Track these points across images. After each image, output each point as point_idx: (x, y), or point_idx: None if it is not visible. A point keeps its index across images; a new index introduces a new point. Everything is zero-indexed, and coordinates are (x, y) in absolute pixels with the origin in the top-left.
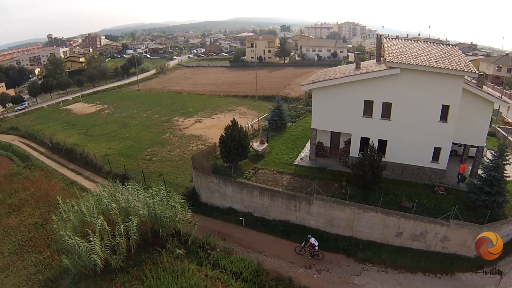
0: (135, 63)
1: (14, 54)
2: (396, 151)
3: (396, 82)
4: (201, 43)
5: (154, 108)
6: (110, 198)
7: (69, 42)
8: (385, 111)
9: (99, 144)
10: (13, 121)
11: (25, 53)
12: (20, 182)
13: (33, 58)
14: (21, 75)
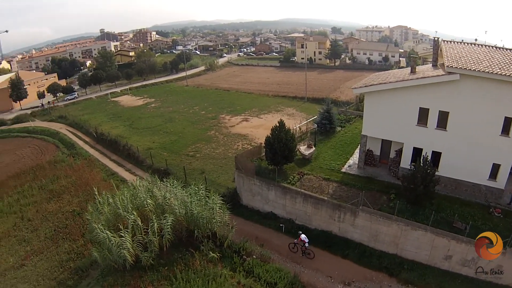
0: (184, 58)
1: (68, 47)
2: (451, 164)
3: (454, 89)
4: (251, 42)
5: (201, 104)
6: (147, 194)
7: (120, 37)
8: (441, 121)
9: (143, 137)
10: (62, 110)
11: (78, 46)
12: (63, 169)
13: (85, 51)
14: (73, 66)
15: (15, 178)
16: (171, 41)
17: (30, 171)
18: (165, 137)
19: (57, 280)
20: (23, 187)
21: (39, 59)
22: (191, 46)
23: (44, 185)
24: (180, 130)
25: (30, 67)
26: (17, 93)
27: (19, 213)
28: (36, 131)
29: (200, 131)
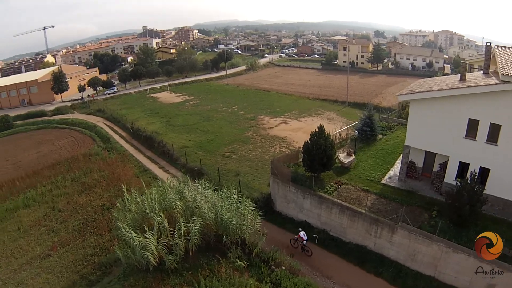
0: (225, 57)
1: (110, 43)
2: (500, 183)
3: (508, 100)
4: (293, 43)
5: (240, 104)
6: (176, 195)
7: (162, 34)
8: (491, 134)
9: (179, 134)
10: (101, 103)
11: (120, 42)
12: (96, 162)
13: (127, 47)
14: (114, 62)
15: (50, 168)
16: (213, 39)
17: (65, 162)
18: (202, 136)
19: (80, 273)
20: (57, 177)
21: (82, 54)
22: (233, 45)
23: (77, 177)
24: (217, 129)
25: (73, 61)
26: (59, 86)
27: (50, 203)
28: (75, 123)
29: (238, 132)
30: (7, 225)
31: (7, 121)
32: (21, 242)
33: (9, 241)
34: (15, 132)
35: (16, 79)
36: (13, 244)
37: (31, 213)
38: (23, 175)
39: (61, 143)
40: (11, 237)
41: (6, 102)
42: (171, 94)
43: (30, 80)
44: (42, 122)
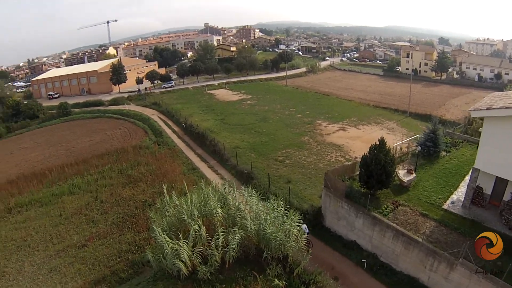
0: (285, 58)
1: (171, 38)
2: None
3: None
4: (355, 47)
5: (298, 106)
6: (219, 202)
7: (223, 32)
8: None
9: (232, 134)
10: (158, 97)
11: (181, 38)
12: (145, 156)
13: (188, 43)
14: (174, 56)
15: (99, 157)
16: (274, 39)
17: (114, 153)
18: (256, 137)
19: (112, 269)
20: (104, 167)
21: (143, 47)
22: (294, 46)
23: (124, 169)
24: (273, 131)
25: (134, 54)
26: (117, 77)
27: (94, 193)
28: (129, 115)
29: (294, 136)
30: (50, 209)
31: (66, 108)
32: (61, 229)
33: (50, 226)
34: (72, 119)
35: (78, 69)
36: (53, 230)
37: (75, 200)
38: (72, 161)
39: (114, 133)
40: (52, 222)
41: (67, 90)
42: (229, 92)
43: (90, 71)
44: (98, 112)
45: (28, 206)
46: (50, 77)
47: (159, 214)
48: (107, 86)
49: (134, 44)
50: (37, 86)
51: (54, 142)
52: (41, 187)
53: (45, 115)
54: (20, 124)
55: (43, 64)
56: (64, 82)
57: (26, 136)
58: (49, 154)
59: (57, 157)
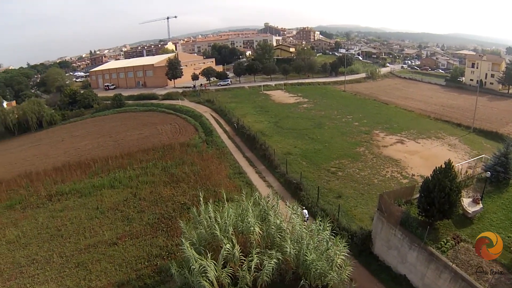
0: (345, 62)
1: (230, 36)
2: None
3: None
4: (417, 54)
5: (356, 114)
6: (258, 217)
7: (283, 32)
8: None
9: (285, 138)
10: (212, 94)
11: (240, 36)
12: (192, 154)
13: (247, 42)
14: (232, 54)
15: (145, 152)
16: (334, 42)
17: (160, 148)
18: (309, 144)
19: (139, 273)
20: (148, 163)
21: (202, 44)
22: (354, 50)
23: (168, 167)
24: (328, 139)
25: (192, 50)
26: (173, 72)
27: (134, 189)
28: (182, 110)
29: (349, 145)
30: (89, 201)
31: (120, 100)
32: (95, 223)
33: (85, 218)
34: (125, 111)
35: (135, 62)
36: (87, 223)
37: (114, 195)
38: (118, 154)
39: (164, 128)
40: (88, 214)
41: (123, 82)
42: (285, 93)
43: (146, 64)
44: (151, 105)
45: (68, 195)
46: (107, 69)
47: (191, 223)
48: (163, 80)
49: (193, 40)
50: (95, 77)
51: (104, 132)
52: (84, 177)
53: (99, 105)
54: (75, 112)
55: (103, 56)
56: (121, 74)
57: (79, 124)
58: (97, 144)
59: (104, 147)
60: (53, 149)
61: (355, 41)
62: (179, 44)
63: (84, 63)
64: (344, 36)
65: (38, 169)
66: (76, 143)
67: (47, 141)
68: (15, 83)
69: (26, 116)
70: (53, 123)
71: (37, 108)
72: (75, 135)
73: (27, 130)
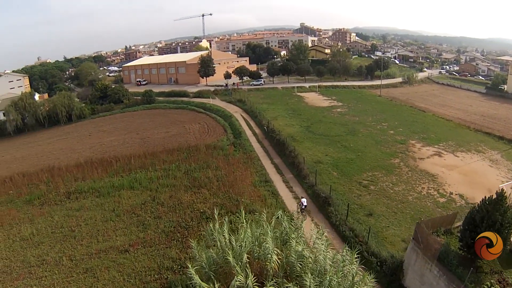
0: (381, 65)
1: (265, 35)
2: None
3: None
4: (455, 59)
5: (391, 121)
6: (278, 241)
7: (319, 33)
8: None
9: (316, 145)
10: (244, 94)
11: (275, 35)
12: (217, 158)
13: (282, 41)
14: (266, 54)
15: (169, 153)
16: (370, 45)
17: (185, 150)
18: (341, 152)
19: (147, 286)
20: (171, 165)
21: (236, 42)
22: (390, 53)
23: (191, 170)
24: (361, 147)
25: (227, 48)
26: (205, 70)
27: (154, 192)
28: (212, 109)
29: (383, 156)
30: (106, 202)
31: (150, 96)
32: (109, 226)
33: (100, 220)
34: (155, 107)
35: (167, 58)
36: (102, 225)
37: (132, 197)
38: (141, 153)
39: (192, 127)
40: (103, 216)
41: (155, 78)
42: (319, 96)
43: (179, 61)
44: (182, 103)
45: (86, 194)
46: (140, 64)
47: (204, 241)
48: (195, 77)
49: (228, 38)
50: (128, 72)
51: (131, 129)
52: (104, 175)
53: (129, 100)
54: (104, 107)
55: (137, 51)
56: (153, 70)
57: (107, 119)
58: (123, 141)
59: (130, 145)
60: (80, 144)
61: (392, 44)
62: (214, 42)
63: (119, 58)
64: (381, 39)
65: (61, 164)
66: (103, 138)
67: (74, 135)
68: (49, 76)
69: (56, 109)
70: (83, 117)
71: (67, 101)
72: (103, 130)
73: (57, 123)
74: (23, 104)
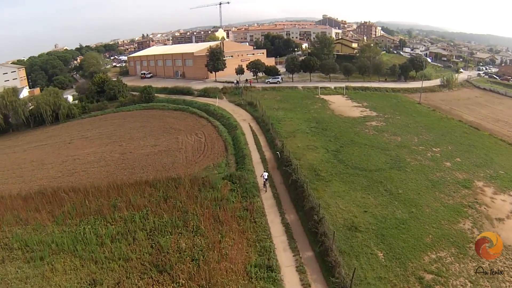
0: (418, 65)
1: (286, 26)
2: None
3: None
4: (490, 59)
5: (443, 144)
6: None
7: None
8: None
9: (350, 188)
10: (257, 94)
11: (297, 26)
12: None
13: (303, 33)
14: (286, 46)
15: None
16: (398, 40)
17: (163, 184)
18: (386, 206)
19: None
20: (135, 214)
21: (255, 33)
22: (420, 50)
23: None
24: (413, 195)
25: (244, 39)
26: (214, 64)
27: (98, 268)
28: (215, 114)
29: (446, 213)
30: (32, 275)
31: (149, 93)
32: None
33: None
34: (152, 107)
35: (175, 49)
36: None
37: (68, 272)
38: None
39: (187, 140)
40: None
41: (161, 71)
42: (347, 100)
43: (186, 52)
44: (183, 103)
45: (16, 253)
46: (145, 55)
47: None
48: (203, 72)
49: (246, 28)
50: (133, 63)
51: (117, 137)
52: (49, 221)
53: (125, 98)
54: (97, 105)
55: (150, 40)
56: (159, 62)
57: (97, 120)
58: (100, 155)
59: (105, 162)
60: (54, 155)
61: (419, 39)
62: (231, 31)
63: (133, 47)
64: (406, 34)
65: (11, 191)
66: (81, 149)
67: (55, 141)
68: (49, 67)
69: (40, 108)
70: (71, 116)
71: (52, 99)
72: (86, 136)
73: (43, 123)
74: (4, 102)
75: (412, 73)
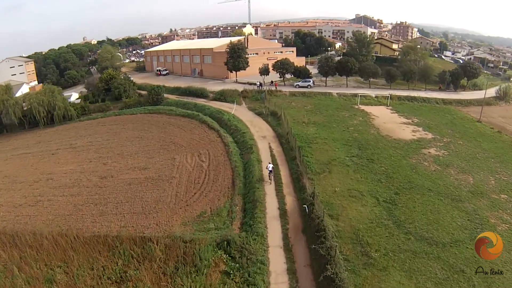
0: (471, 72)
1: (318, 23)
2: None
3: None
4: None
5: None
6: None
7: (379, 24)
8: None
9: (418, 281)
10: (284, 100)
11: (329, 24)
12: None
13: (337, 32)
14: (318, 44)
15: (90, 248)
16: (438, 43)
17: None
18: None
19: None
20: None
21: (284, 30)
22: (462, 55)
23: None
24: None
25: (273, 36)
26: (234, 62)
27: None
28: (228, 127)
29: None
30: None
31: (158, 94)
32: None
33: None
34: (158, 111)
35: (193, 44)
36: None
37: None
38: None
39: (186, 164)
40: None
41: (178, 68)
42: (393, 114)
43: (205, 48)
44: (195, 108)
45: None
46: (162, 50)
47: None
48: (222, 70)
49: (275, 25)
50: (150, 58)
51: (105, 150)
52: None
53: (130, 98)
54: (98, 106)
55: (175, 35)
56: (176, 58)
57: (94, 124)
58: (77, 177)
59: (78, 189)
60: (31, 169)
61: (456, 43)
62: (260, 28)
63: (158, 41)
64: (442, 37)
65: None
66: (61, 164)
67: (40, 149)
68: (62, 61)
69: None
70: (68, 118)
71: (47, 99)
72: (74, 147)
73: (37, 125)
74: None
75: (463, 81)
